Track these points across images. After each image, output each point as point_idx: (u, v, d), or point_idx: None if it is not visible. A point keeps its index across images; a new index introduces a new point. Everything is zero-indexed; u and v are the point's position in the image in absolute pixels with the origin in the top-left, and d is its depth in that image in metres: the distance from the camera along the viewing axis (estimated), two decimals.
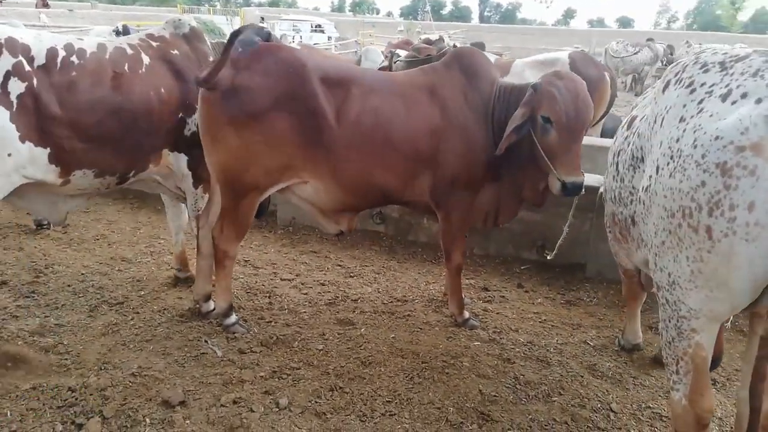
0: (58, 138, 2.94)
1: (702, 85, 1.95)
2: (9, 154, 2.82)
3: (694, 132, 1.82)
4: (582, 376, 3.12)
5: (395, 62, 7.39)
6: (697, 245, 1.76)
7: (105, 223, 5.20)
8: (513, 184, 3.43)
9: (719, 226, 1.69)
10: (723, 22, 59.91)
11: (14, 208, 4.78)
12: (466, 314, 3.61)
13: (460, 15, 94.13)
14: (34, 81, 2.85)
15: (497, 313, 3.80)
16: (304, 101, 2.97)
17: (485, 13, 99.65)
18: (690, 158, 1.79)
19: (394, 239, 4.95)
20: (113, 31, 5.79)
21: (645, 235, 2.24)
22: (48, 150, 2.94)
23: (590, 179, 4.33)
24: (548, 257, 4.18)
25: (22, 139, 2.85)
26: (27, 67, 2.85)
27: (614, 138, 3.02)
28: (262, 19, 29.66)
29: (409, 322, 3.64)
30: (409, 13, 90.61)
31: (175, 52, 3.39)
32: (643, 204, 2.17)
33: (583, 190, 3.25)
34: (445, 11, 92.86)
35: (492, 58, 6.61)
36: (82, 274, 4.10)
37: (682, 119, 1.93)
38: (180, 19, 3.55)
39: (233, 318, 3.40)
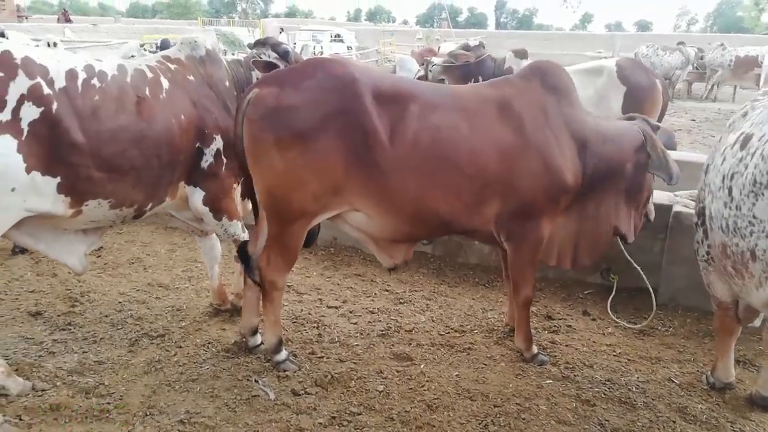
0: (74, 166, 2.67)
1: None
2: (13, 189, 2.52)
3: None
4: (674, 422, 2.80)
5: (431, 68, 7.15)
6: None
7: (139, 246, 5.00)
8: (602, 217, 3.15)
9: None
10: (746, 23, 58.76)
11: (30, 251, 4.43)
12: (535, 349, 3.31)
13: (476, 22, 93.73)
14: (54, 105, 2.58)
15: (566, 346, 3.50)
16: (354, 119, 2.71)
17: (501, 20, 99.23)
18: None
19: (443, 261, 4.67)
20: (154, 44, 5.63)
21: None
22: (57, 179, 2.65)
23: (660, 197, 4.02)
24: (614, 280, 3.90)
25: (28, 170, 2.55)
26: (46, 90, 2.57)
27: (713, 156, 2.72)
28: (282, 30, 29.66)
29: (472, 357, 3.35)
30: (425, 20, 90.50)
31: (192, 77, 3.16)
32: None
33: None
34: (461, 18, 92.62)
35: None
36: (119, 302, 3.89)
37: None
38: (195, 41, 3.29)
39: (283, 354, 3.15)
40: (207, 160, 3.15)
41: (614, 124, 3.28)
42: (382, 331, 3.62)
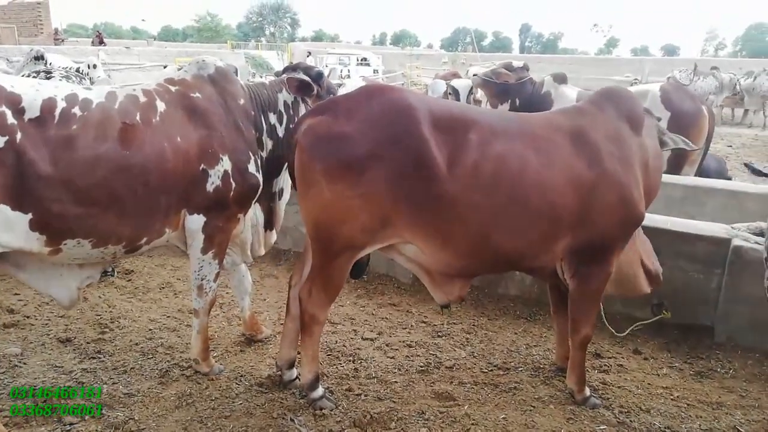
0: (47, 201, 2.48)
1: None
2: None
3: None
4: None
5: (454, 87, 7.09)
6: None
7: (170, 270, 4.91)
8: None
9: None
10: None
11: (18, 284, 4.20)
12: (587, 391, 3.09)
13: (501, 46, 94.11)
14: (18, 135, 2.41)
15: (619, 387, 3.27)
16: (409, 149, 2.56)
17: (526, 44, 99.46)
18: None
19: (482, 291, 4.48)
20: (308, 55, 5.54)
21: None
22: (29, 216, 2.47)
23: (717, 230, 3.81)
24: (667, 315, 3.68)
25: None
26: (10, 120, 2.42)
27: None
28: (309, 53, 30.06)
29: (518, 398, 3.14)
30: (449, 45, 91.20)
31: (197, 95, 2.96)
32: None
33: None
34: (486, 42, 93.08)
35: (575, 91, 6.18)
36: (150, 329, 3.78)
37: None
38: (204, 60, 3.13)
39: (320, 391, 2.99)
40: (213, 183, 2.91)
41: (653, 138, 3.08)
42: (421, 366, 3.44)
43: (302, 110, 3.32)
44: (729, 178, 6.14)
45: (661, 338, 3.83)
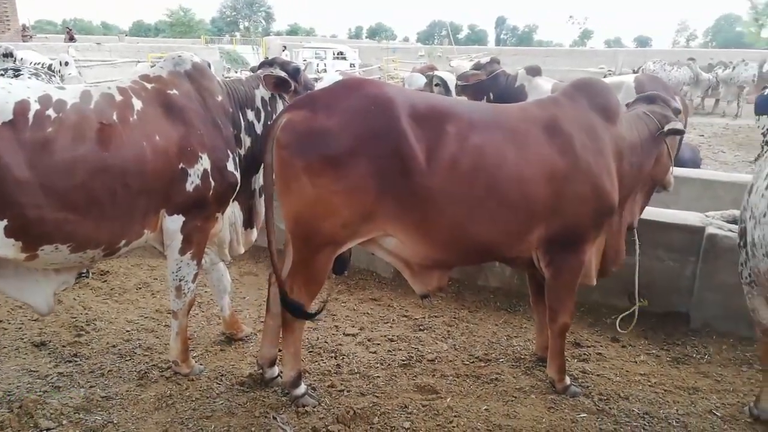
0: (22, 207, 2.40)
1: None
2: None
3: None
4: None
5: (437, 83, 7.06)
6: None
7: (146, 269, 4.84)
8: (623, 221, 3.11)
9: None
10: (746, 39, 59.01)
11: None
12: (568, 380, 3.13)
13: (477, 39, 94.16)
14: None
15: (598, 375, 3.32)
16: (389, 142, 2.56)
17: (502, 36, 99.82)
18: None
19: (462, 284, 4.50)
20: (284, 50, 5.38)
21: None
22: (4, 222, 2.40)
23: (692, 218, 3.87)
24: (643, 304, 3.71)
25: None
26: None
27: (757, 177, 2.58)
28: (285, 47, 29.76)
29: (500, 389, 3.17)
30: (425, 38, 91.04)
31: (174, 91, 2.89)
32: None
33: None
34: (462, 35, 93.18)
35: (550, 83, 6.22)
36: (127, 331, 3.72)
37: None
38: (180, 56, 3.06)
39: (302, 388, 2.97)
40: (193, 182, 2.85)
41: (640, 129, 3.10)
42: (403, 360, 3.45)
43: (280, 106, 3.28)
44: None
45: (639, 326, 3.87)
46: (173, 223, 2.90)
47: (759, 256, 2.40)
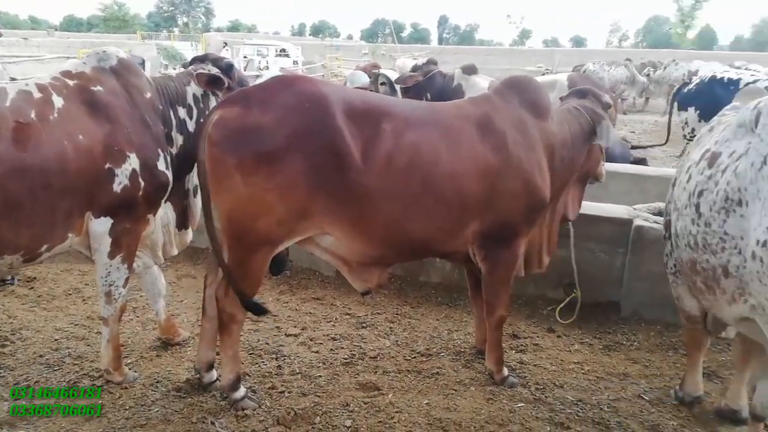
0: None
1: None
2: None
3: None
4: None
5: (382, 81, 7.08)
6: None
7: (77, 275, 4.63)
8: (557, 213, 3.20)
9: None
10: (674, 39, 62.14)
11: None
12: (505, 371, 3.21)
13: (420, 37, 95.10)
14: None
15: (535, 365, 3.41)
16: (323, 139, 2.54)
17: (444, 35, 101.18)
18: None
19: (404, 281, 4.53)
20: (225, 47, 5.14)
21: (760, 293, 1.91)
22: None
23: (619, 211, 4.04)
24: (577, 295, 3.85)
25: None
26: None
27: (680, 172, 2.71)
28: (225, 44, 29.08)
29: (440, 383, 3.21)
30: (369, 36, 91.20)
31: (98, 88, 2.77)
32: (761, 261, 1.85)
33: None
34: (405, 34, 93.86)
35: (487, 81, 6.35)
36: (56, 339, 3.56)
37: None
38: (105, 51, 2.94)
39: (242, 391, 2.92)
40: (120, 183, 2.74)
41: (570, 124, 3.18)
42: (345, 359, 3.44)
43: (213, 103, 3.19)
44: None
45: (574, 316, 4.02)
46: (100, 225, 2.78)
47: (681, 246, 2.52)
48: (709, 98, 6.14)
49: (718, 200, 2.15)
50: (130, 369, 3.19)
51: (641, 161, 5.68)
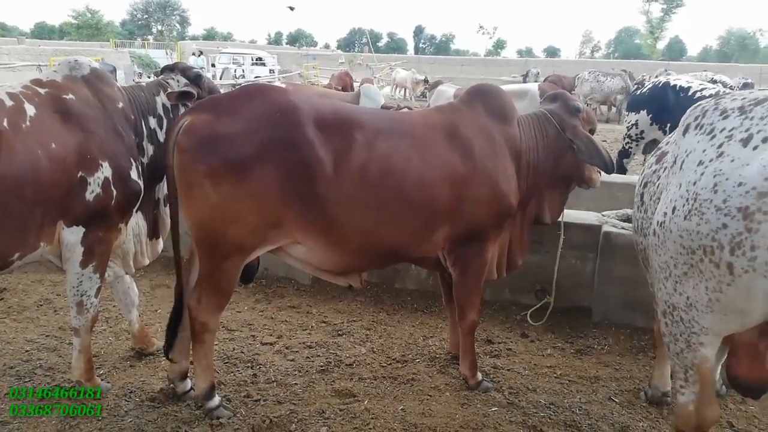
0: None
1: (722, 130, 1.98)
2: None
3: (714, 177, 1.88)
4: None
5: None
6: (717, 278, 1.89)
7: (48, 285, 4.56)
8: (528, 216, 3.24)
9: (740, 264, 1.81)
10: (644, 50, 63.64)
11: None
12: (479, 376, 3.25)
13: (396, 47, 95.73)
14: None
15: (508, 370, 3.47)
16: (294, 150, 2.57)
17: (420, 45, 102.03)
18: (709, 203, 1.87)
19: (380, 288, 4.56)
20: (193, 54, 5.10)
21: (658, 264, 2.17)
22: None
23: (589, 217, 4.13)
24: (550, 300, 3.91)
25: None
26: None
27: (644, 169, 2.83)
28: (201, 52, 28.95)
29: (416, 389, 3.24)
30: (346, 45, 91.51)
31: (70, 96, 2.76)
32: (658, 237, 2.13)
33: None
34: (382, 43, 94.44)
35: (453, 89, 6.45)
36: (27, 351, 3.50)
37: (700, 163, 1.97)
38: (76, 60, 2.94)
39: (216, 400, 2.91)
40: (93, 191, 2.73)
41: (536, 129, 3.20)
42: (321, 366, 3.45)
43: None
44: None
45: (546, 321, 4.09)
46: (72, 234, 2.76)
47: (637, 233, 2.67)
48: (662, 102, 6.37)
49: (656, 192, 2.35)
50: (103, 380, 3.16)
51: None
